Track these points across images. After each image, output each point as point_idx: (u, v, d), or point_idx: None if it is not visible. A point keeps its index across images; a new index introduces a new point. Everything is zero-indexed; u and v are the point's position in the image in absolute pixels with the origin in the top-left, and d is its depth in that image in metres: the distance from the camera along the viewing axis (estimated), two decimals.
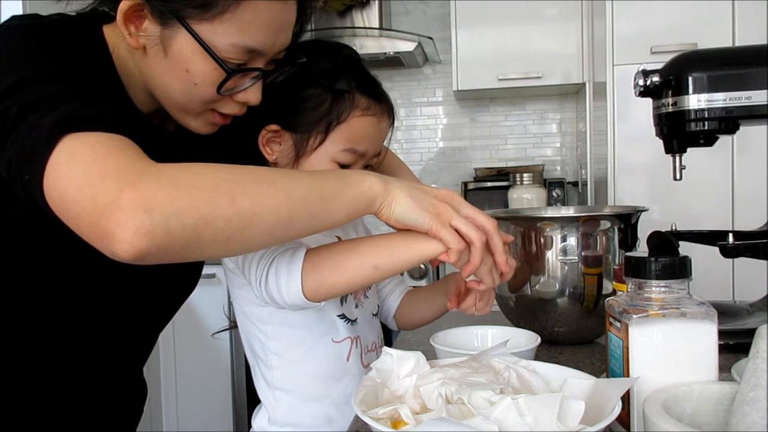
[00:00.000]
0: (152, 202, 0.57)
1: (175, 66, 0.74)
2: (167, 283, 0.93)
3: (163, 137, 0.85)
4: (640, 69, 0.99)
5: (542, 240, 1.03)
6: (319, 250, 0.76)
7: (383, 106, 0.89)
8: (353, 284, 0.75)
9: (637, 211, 1.06)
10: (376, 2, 2.99)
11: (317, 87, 0.86)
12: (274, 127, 0.87)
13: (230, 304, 0.96)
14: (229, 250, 0.66)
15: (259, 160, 0.90)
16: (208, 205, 0.60)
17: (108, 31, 0.79)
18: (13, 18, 0.75)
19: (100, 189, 0.58)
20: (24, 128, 0.62)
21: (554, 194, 2.95)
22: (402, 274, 1.33)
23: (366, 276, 0.74)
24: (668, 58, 0.99)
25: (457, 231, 0.70)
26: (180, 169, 0.62)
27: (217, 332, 1.18)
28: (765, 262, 0.99)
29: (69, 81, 0.68)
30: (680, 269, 0.63)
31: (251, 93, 0.78)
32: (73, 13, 0.80)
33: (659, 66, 0.98)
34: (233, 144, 0.90)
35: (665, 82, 0.96)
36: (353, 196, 0.69)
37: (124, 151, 0.62)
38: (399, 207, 0.70)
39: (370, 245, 0.74)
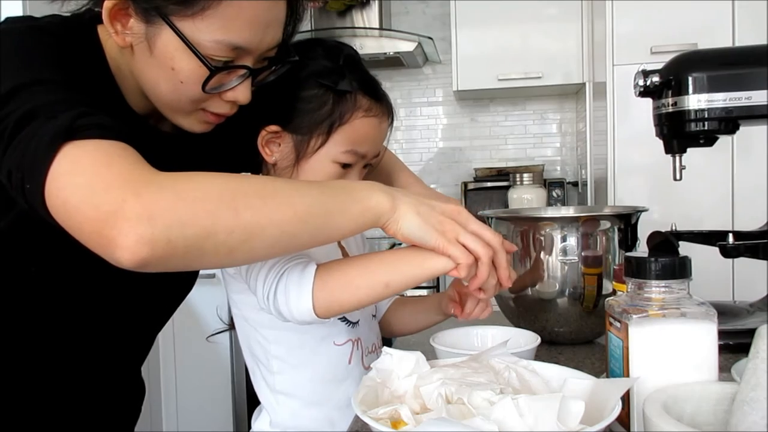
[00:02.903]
0: (155, 211, 0.57)
1: (161, 64, 0.74)
2: (165, 284, 0.93)
3: (159, 138, 0.85)
4: (640, 69, 0.99)
5: (542, 240, 1.03)
6: (329, 267, 0.75)
7: (384, 107, 0.88)
8: (364, 302, 0.75)
9: (637, 211, 1.06)
10: (376, 2, 2.99)
11: (319, 87, 0.85)
12: (273, 128, 0.86)
13: (229, 307, 0.95)
14: (231, 262, 0.65)
15: (256, 161, 0.90)
16: (211, 217, 0.59)
17: (102, 31, 0.79)
18: (7, 21, 0.75)
19: (103, 198, 0.58)
20: (24, 137, 0.62)
21: (554, 194, 2.95)
22: None
23: (377, 293, 0.74)
24: (668, 58, 0.99)
25: (464, 246, 0.70)
26: (183, 179, 0.61)
27: (212, 335, 1.17)
28: (765, 262, 0.99)
29: (66, 85, 0.67)
30: (680, 269, 0.63)
31: (239, 91, 0.77)
32: (68, 14, 0.79)
33: (659, 66, 0.98)
34: (231, 145, 0.89)
35: (665, 82, 0.96)
36: (360, 212, 0.68)
37: (126, 159, 0.62)
38: (406, 223, 0.70)
39: (381, 263, 0.74)
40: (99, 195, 0.58)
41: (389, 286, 0.73)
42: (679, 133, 0.97)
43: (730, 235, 1.01)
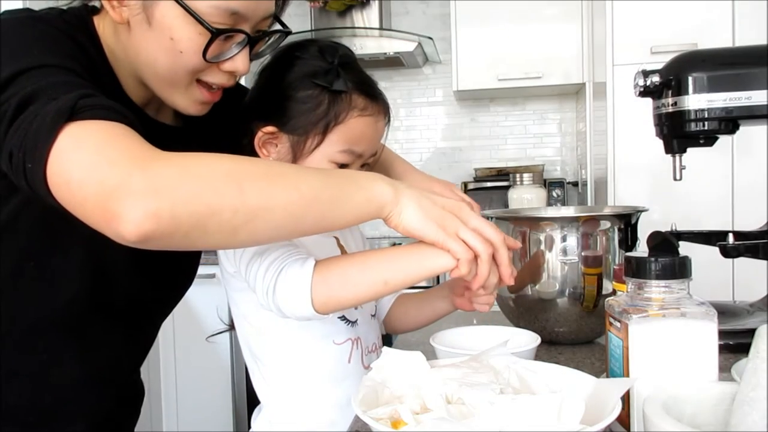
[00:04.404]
0: (161, 186, 0.58)
1: (159, 35, 0.74)
2: (163, 283, 0.93)
3: (157, 129, 0.85)
4: (640, 69, 0.99)
5: (542, 240, 1.03)
6: (328, 263, 0.75)
7: (380, 106, 0.88)
8: (363, 299, 0.76)
9: (637, 211, 1.06)
10: (376, 2, 2.98)
11: (314, 88, 0.85)
12: (270, 128, 0.86)
13: (229, 307, 0.95)
14: (234, 242, 0.65)
15: None
16: (217, 195, 0.60)
17: (97, 21, 0.80)
18: (6, 12, 0.75)
19: (108, 174, 0.58)
20: (25, 118, 0.62)
21: (554, 194, 2.95)
22: None
23: (376, 291, 0.74)
24: (668, 58, 0.99)
25: (464, 242, 0.70)
26: (189, 157, 0.62)
27: (212, 335, 1.18)
28: (765, 262, 0.99)
29: (66, 71, 0.68)
30: (680, 269, 0.63)
31: (239, 60, 0.77)
32: (64, 7, 0.80)
33: (659, 66, 0.98)
34: (228, 145, 0.89)
35: (665, 82, 0.96)
36: (364, 200, 0.68)
37: (129, 138, 0.62)
38: (407, 216, 0.70)
39: (381, 260, 0.74)
40: (104, 170, 0.58)
41: (388, 284, 0.73)
42: (679, 133, 0.97)
43: (730, 235, 1.01)
